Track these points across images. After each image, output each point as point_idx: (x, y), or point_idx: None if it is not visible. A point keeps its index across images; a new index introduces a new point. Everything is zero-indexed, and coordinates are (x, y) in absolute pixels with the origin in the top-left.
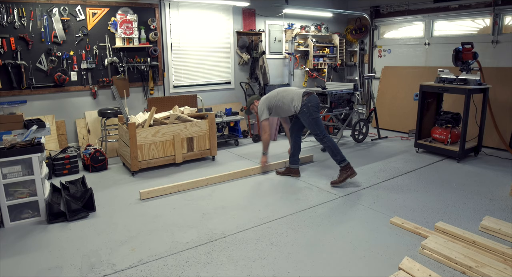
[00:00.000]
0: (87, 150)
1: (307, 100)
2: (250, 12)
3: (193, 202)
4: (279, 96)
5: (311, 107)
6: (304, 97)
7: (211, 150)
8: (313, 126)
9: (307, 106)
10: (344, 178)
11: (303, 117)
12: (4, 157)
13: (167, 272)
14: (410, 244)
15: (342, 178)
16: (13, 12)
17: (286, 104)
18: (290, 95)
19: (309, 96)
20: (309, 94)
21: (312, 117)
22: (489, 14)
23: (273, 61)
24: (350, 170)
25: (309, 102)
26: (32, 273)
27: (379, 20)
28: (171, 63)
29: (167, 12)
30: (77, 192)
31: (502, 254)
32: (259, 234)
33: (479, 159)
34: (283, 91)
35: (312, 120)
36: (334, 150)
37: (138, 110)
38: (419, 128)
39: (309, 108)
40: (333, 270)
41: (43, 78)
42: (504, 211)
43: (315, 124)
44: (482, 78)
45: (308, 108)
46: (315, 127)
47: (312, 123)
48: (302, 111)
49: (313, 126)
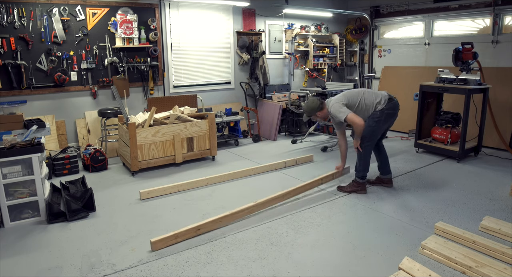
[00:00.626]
0: (87, 150)
1: (388, 106)
2: (250, 12)
3: (193, 202)
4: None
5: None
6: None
7: (211, 150)
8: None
9: (382, 111)
10: (352, 191)
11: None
12: (4, 157)
13: (167, 272)
14: (410, 244)
15: (351, 189)
16: (13, 12)
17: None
18: (374, 96)
19: (390, 103)
20: (391, 99)
21: (376, 124)
22: (489, 14)
23: (273, 61)
24: (362, 188)
25: (388, 108)
26: (32, 273)
27: (379, 20)
28: (171, 63)
29: (167, 12)
30: (77, 192)
31: (502, 254)
32: (259, 234)
33: (479, 159)
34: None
35: (374, 125)
36: (364, 164)
37: (138, 110)
38: (419, 128)
39: (382, 114)
40: (333, 270)
41: (43, 78)
42: (504, 211)
43: (371, 131)
44: (482, 78)
45: (382, 114)
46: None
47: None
48: (375, 115)
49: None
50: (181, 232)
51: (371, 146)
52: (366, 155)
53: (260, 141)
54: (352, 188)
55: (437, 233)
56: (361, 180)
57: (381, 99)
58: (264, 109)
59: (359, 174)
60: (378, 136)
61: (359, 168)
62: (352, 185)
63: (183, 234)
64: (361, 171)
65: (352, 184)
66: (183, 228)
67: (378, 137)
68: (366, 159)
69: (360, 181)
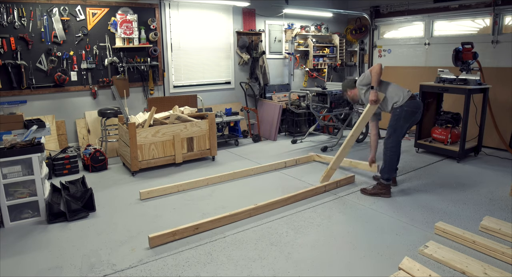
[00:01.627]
0: (87, 150)
1: (407, 103)
2: (250, 12)
3: (193, 202)
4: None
5: (406, 110)
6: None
7: (211, 150)
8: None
9: (402, 108)
10: (376, 193)
11: (392, 117)
12: (4, 157)
13: (167, 272)
14: (410, 244)
15: (374, 191)
16: (13, 12)
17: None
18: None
19: (411, 100)
20: (413, 97)
21: (396, 122)
22: (489, 14)
23: (273, 61)
24: (386, 191)
25: (408, 106)
26: (32, 273)
27: (379, 20)
28: (171, 63)
29: (167, 12)
30: (77, 192)
31: (502, 254)
32: (259, 234)
33: (479, 159)
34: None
35: (394, 123)
36: (389, 164)
37: (138, 110)
38: (419, 128)
39: (402, 111)
40: (333, 270)
41: (43, 78)
42: (504, 211)
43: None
44: (482, 78)
45: (402, 111)
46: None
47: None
48: (395, 112)
49: (393, 128)
50: (179, 229)
51: (396, 146)
52: (392, 155)
53: (260, 141)
54: (375, 191)
55: (437, 233)
56: (386, 181)
57: (402, 95)
58: (264, 109)
59: (384, 175)
60: (401, 135)
61: (384, 169)
62: (376, 187)
63: (181, 232)
64: (386, 172)
65: (376, 186)
66: (181, 226)
67: (401, 135)
68: (392, 160)
69: (385, 182)
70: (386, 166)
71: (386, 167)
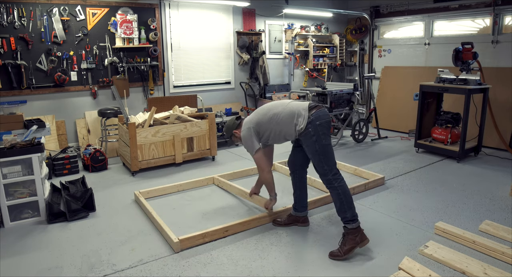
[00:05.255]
0: (87, 150)
1: (314, 115)
2: (250, 12)
3: (193, 202)
4: (271, 114)
5: (319, 126)
6: (311, 111)
7: (211, 150)
8: (319, 157)
9: (313, 124)
10: (351, 248)
11: (307, 142)
12: (4, 157)
13: (167, 272)
14: (410, 244)
15: (348, 247)
16: (13, 12)
17: (286, 124)
18: (289, 108)
19: (318, 110)
20: (317, 107)
21: (320, 143)
22: (489, 14)
23: (273, 61)
24: (360, 235)
25: (318, 119)
26: (32, 273)
27: (379, 20)
28: (171, 63)
29: (167, 12)
30: (77, 192)
31: (502, 254)
32: (259, 234)
33: (479, 159)
34: (277, 106)
35: (319, 148)
36: (344, 200)
37: (138, 110)
38: (419, 128)
39: (317, 128)
40: (333, 270)
41: (43, 78)
42: (504, 211)
43: (322, 154)
44: (482, 78)
45: (315, 128)
46: (322, 159)
47: (318, 153)
48: (307, 132)
49: (319, 156)
50: (209, 232)
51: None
52: (340, 187)
53: None
54: (350, 245)
55: (437, 233)
56: (353, 224)
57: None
58: None
59: (347, 218)
60: (333, 156)
61: (343, 213)
62: (348, 239)
63: (211, 234)
64: (347, 211)
65: (346, 239)
66: (211, 228)
67: (333, 156)
68: (343, 193)
69: (353, 225)
70: (343, 202)
71: (343, 203)
